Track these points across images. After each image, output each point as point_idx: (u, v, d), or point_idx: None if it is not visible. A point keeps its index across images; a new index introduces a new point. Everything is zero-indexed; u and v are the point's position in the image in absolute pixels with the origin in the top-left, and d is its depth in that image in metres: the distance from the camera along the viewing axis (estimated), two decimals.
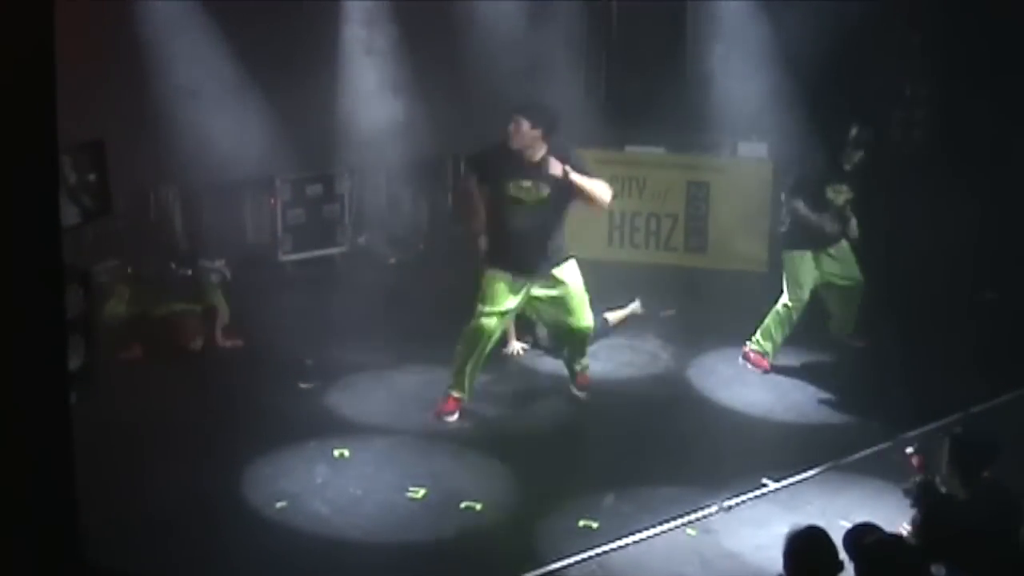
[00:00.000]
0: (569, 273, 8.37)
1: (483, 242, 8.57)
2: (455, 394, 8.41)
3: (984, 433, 6.50)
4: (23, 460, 3.57)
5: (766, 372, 9.33)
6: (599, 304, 9.14)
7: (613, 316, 10.06)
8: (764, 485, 7.50)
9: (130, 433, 7.74)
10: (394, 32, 11.64)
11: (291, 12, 10.54)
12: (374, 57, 11.62)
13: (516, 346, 9.59)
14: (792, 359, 9.53)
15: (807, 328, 9.56)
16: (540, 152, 8.09)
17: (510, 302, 8.30)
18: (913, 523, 5.90)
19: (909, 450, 6.20)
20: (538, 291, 8.34)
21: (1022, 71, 10.79)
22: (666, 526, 7.02)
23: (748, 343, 9.40)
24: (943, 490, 5.92)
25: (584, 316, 8.49)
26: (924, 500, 5.88)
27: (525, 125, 8.05)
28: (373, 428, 8.31)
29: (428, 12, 11.43)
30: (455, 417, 8.40)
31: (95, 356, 6.13)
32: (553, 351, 9.33)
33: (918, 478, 5.98)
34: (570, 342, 8.70)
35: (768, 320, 9.35)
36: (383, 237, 12.44)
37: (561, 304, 8.42)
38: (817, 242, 9.35)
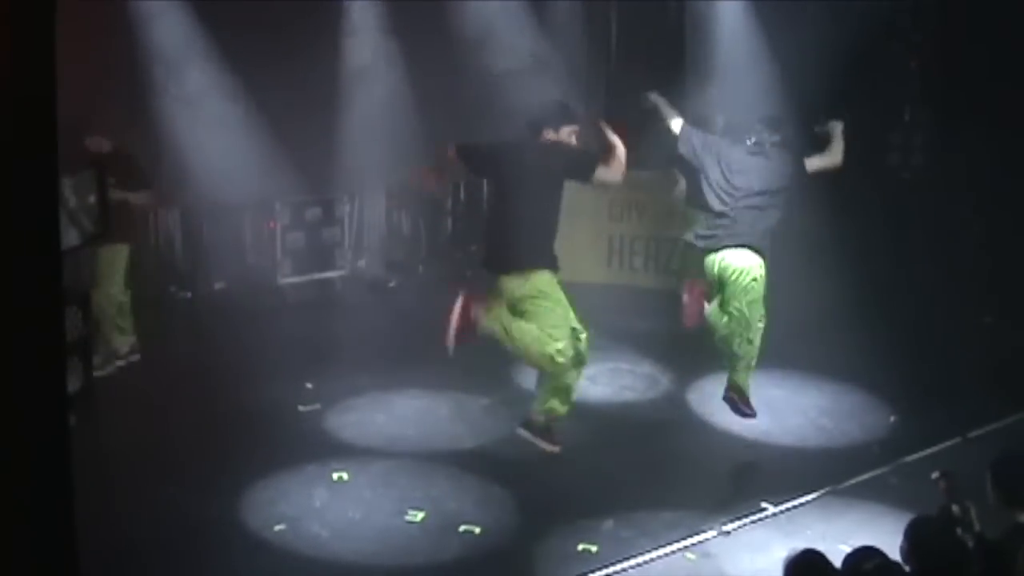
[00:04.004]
0: None
1: None
2: None
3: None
4: (21, 481, 3.57)
5: None
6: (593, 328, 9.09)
7: None
8: (763, 509, 7.49)
9: (128, 455, 7.73)
10: (394, 55, 11.69)
11: (292, 37, 10.58)
12: (374, 80, 11.67)
13: None
14: (790, 383, 9.53)
15: (806, 352, 9.58)
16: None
17: None
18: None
19: (935, 475, 5.50)
20: None
21: (1021, 96, 10.83)
22: (665, 550, 7.00)
23: None
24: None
25: None
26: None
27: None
28: (372, 451, 8.29)
29: (428, 36, 11.48)
30: None
31: (93, 378, 6.13)
32: None
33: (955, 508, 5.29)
34: None
35: None
36: (382, 260, 12.46)
37: None
38: None
